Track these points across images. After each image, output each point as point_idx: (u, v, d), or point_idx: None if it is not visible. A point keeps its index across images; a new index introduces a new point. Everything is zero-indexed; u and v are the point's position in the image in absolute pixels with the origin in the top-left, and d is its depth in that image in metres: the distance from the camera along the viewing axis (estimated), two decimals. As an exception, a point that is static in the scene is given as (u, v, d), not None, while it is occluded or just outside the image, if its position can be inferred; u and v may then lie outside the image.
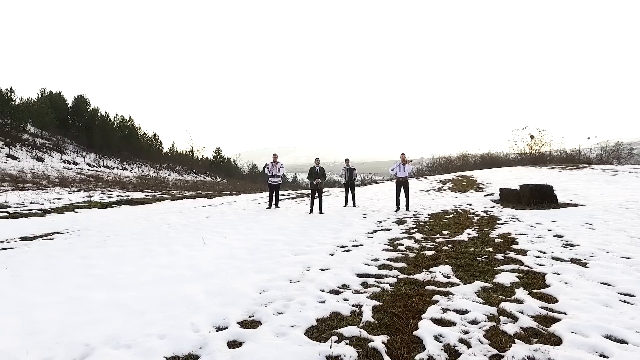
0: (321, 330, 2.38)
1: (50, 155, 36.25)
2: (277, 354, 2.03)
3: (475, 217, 6.98)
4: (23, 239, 5.31)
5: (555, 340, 2.19)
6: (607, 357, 1.99)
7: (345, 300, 2.91)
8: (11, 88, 37.87)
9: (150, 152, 55.90)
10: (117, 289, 3.18)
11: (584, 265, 3.78)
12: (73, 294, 3.07)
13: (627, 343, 2.15)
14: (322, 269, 3.78)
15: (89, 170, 35.81)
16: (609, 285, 3.17)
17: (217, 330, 2.41)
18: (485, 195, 10.57)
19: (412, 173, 9.23)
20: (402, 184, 8.38)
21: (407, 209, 8.37)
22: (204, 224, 6.71)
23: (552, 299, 2.86)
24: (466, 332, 2.31)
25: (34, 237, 5.38)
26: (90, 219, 7.30)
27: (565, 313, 2.60)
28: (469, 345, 2.13)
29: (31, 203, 9.25)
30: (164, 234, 5.69)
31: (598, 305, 2.72)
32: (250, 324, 2.51)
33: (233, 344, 2.22)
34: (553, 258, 4.04)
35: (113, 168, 41.19)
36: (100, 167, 39.76)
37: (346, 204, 9.79)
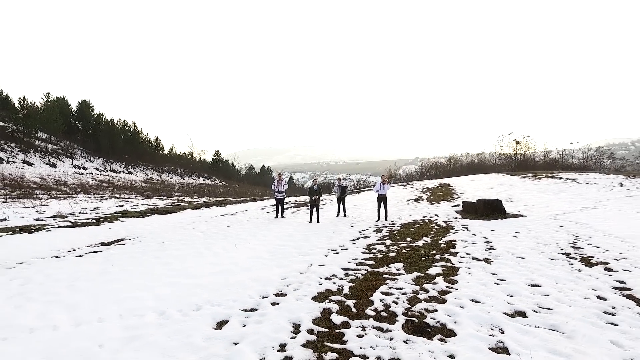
0: (320, 297, 4.24)
1: (61, 160, 37.63)
2: (298, 306, 3.90)
3: (436, 227, 8.92)
4: (101, 244, 7.09)
5: (443, 301, 4.09)
6: (464, 307, 3.90)
7: (334, 283, 4.78)
8: (24, 97, 39.20)
9: (153, 156, 57.29)
10: (193, 277, 5.03)
11: (489, 262, 5.69)
12: (167, 280, 4.91)
13: (480, 302, 4.06)
14: (320, 265, 5.65)
15: (98, 174, 37.23)
16: (495, 274, 5.08)
17: (262, 298, 4.27)
18: (452, 206, 12.52)
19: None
20: (382, 199, 10.30)
21: (386, 219, 10.28)
22: (230, 232, 8.55)
23: (455, 282, 4.76)
24: (397, 298, 4.19)
25: (109, 243, 7.17)
26: (138, 228, 9.11)
27: (457, 289, 4.51)
28: (396, 304, 4.02)
29: (81, 213, 10.99)
30: (203, 240, 7.52)
31: (478, 285, 4.63)
32: (280, 295, 4.37)
33: (273, 304, 4.07)
34: (472, 258, 5.96)
35: (119, 172, 42.65)
36: (107, 171, 41.21)
37: (338, 214, 11.66)
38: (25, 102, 38.80)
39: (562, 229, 8.10)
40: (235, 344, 3.10)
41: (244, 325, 3.48)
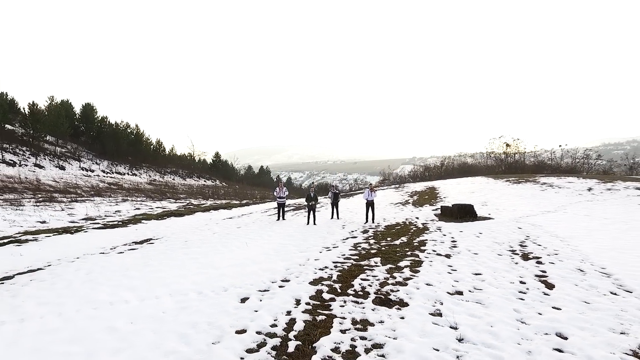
0: (315, 282, 5.59)
1: (69, 163, 38.71)
2: (299, 288, 5.28)
3: (414, 228, 10.32)
4: (134, 243, 8.42)
5: (405, 285, 5.48)
6: (419, 289, 5.29)
7: (325, 272, 6.14)
8: (33, 102, 40.20)
9: (156, 157, 58.35)
10: (217, 269, 6.38)
11: (449, 257, 7.09)
12: (198, 271, 6.25)
13: (432, 285, 5.45)
14: (315, 259, 7.01)
15: (104, 176, 38.36)
16: (450, 266, 6.48)
17: (272, 283, 5.62)
18: (433, 210, 13.94)
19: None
20: (370, 204, 11.70)
21: (373, 222, 11.69)
22: (240, 233, 9.90)
23: (417, 272, 6.14)
24: (371, 282, 5.56)
25: (141, 242, 8.50)
26: (160, 229, 10.44)
27: (417, 277, 5.90)
28: (370, 286, 5.40)
29: (106, 215, 12.29)
30: (218, 239, 8.87)
31: (435, 274, 6.02)
32: (285, 280, 5.72)
33: (280, 287, 5.42)
34: (437, 254, 7.35)
35: (124, 174, 43.76)
36: (113, 173, 42.33)
37: (332, 217, 13.03)
38: (36, 106, 39.82)
39: (518, 230, 9.53)
40: (256, 311, 4.46)
41: (260, 300, 4.85)
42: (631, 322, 4.07)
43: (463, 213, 11.59)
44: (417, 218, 12.26)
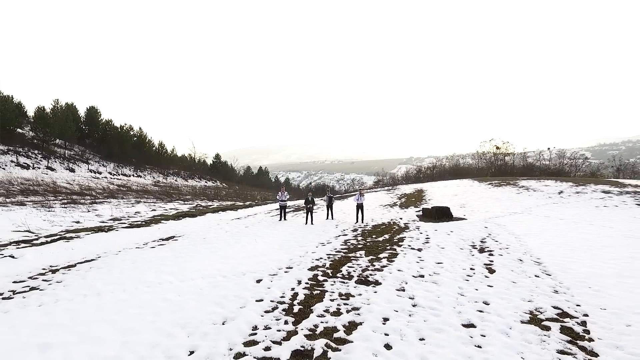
0: (312, 269, 7.06)
1: (78, 165, 39.93)
2: (300, 273, 6.76)
3: (397, 227, 11.85)
4: (161, 239, 9.86)
5: (381, 271, 7.01)
6: (391, 273, 6.81)
7: (320, 262, 7.61)
8: (44, 107, 41.29)
9: (158, 159, 59.56)
10: (235, 259, 7.85)
11: (420, 250, 8.61)
12: (220, 261, 7.71)
13: (402, 271, 6.97)
14: (312, 252, 8.51)
15: (112, 178, 39.61)
16: (420, 257, 7.99)
17: (279, 269, 7.08)
18: (416, 211, 15.49)
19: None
20: (359, 206, 13.23)
21: (362, 222, 13.22)
22: (248, 231, 11.37)
23: (392, 261, 7.64)
24: (355, 269, 7.04)
25: (167, 239, 9.94)
26: (179, 228, 11.88)
27: (392, 265, 7.42)
28: (355, 272, 6.91)
29: (129, 216, 13.69)
30: (231, 237, 10.33)
31: (406, 263, 7.54)
32: (289, 267, 7.18)
33: (285, 272, 6.88)
34: (411, 248, 8.88)
35: (130, 176, 45.00)
36: (119, 175, 43.58)
37: (327, 217, 14.53)
38: (44, 110, 40.91)
39: (484, 229, 11.10)
40: (268, 288, 5.94)
41: (271, 281, 6.34)
42: (538, 295, 5.62)
43: (440, 214, 13.14)
44: (401, 219, 13.81)
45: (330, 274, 6.71)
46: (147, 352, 3.91)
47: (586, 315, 4.88)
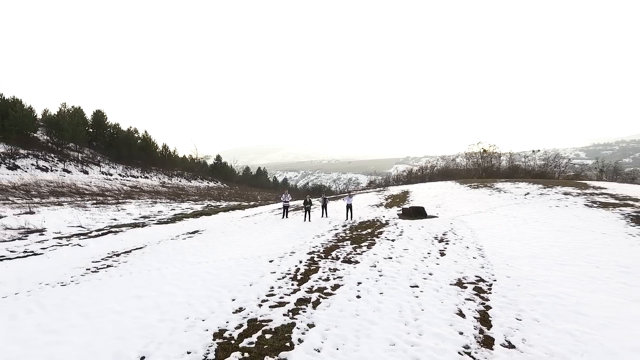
0: (310, 253, 9.17)
1: (90, 168, 41.67)
2: (300, 256, 8.91)
3: (379, 223, 14.06)
4: (189, 233, 11.97)
5: (360, 254, 9.19)
6: (368, 256, 9.01)
7: (316, 249, 9.80)
8: (49, 110, 42.81)
9: (163, 161, 61.37)
10: (249, 247, 9.97)
11: (393, 241, 10.79)
12: (239, 249, 9.81)
13: (377, 255, 9.18)
14: (310, 242, 10.62)
15: (122, 179, 41.40)
16: (392, 245, 10.15)
17: (284, 253, 9.22)
18: (397, 210, 17.73)
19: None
20: (349, 206, 15.42)
21: (351, 219, 15.41)
22: (258, 227, 13.50)
23: (371, 248, 9.83)
24: (342, 253, 9.22)
25: (193, 232, 12.05)
26: (200, 224, 13.96)
27: (370, 250, 9.61)
28: (341, 254, 9.09)
29: (154, 215, 15.74)
30: (244, 230, 12.45)
31: (380, 249, 9.72)
32: (292, 252, 9.28)
33: (289, 255, 8.98)
34: (386, 239, 11.07)
35: (138, 177, 46.80)
36: (128, 176, 45.35)
37: (322, 216, 16.68)
38: (54, 115, 42.56)
39: (449, 225, 13.32)
40: (278, 265, 8.08)
41: (280, 261, 8.47)
42: (469, 269, 7.81)
43: (416, 213, 15.35)
44: (384, 217, 16.03)
45: (323, 256, 8.89)
46: (205, 299, 6.04)
47: (495, 280, 7.05)
